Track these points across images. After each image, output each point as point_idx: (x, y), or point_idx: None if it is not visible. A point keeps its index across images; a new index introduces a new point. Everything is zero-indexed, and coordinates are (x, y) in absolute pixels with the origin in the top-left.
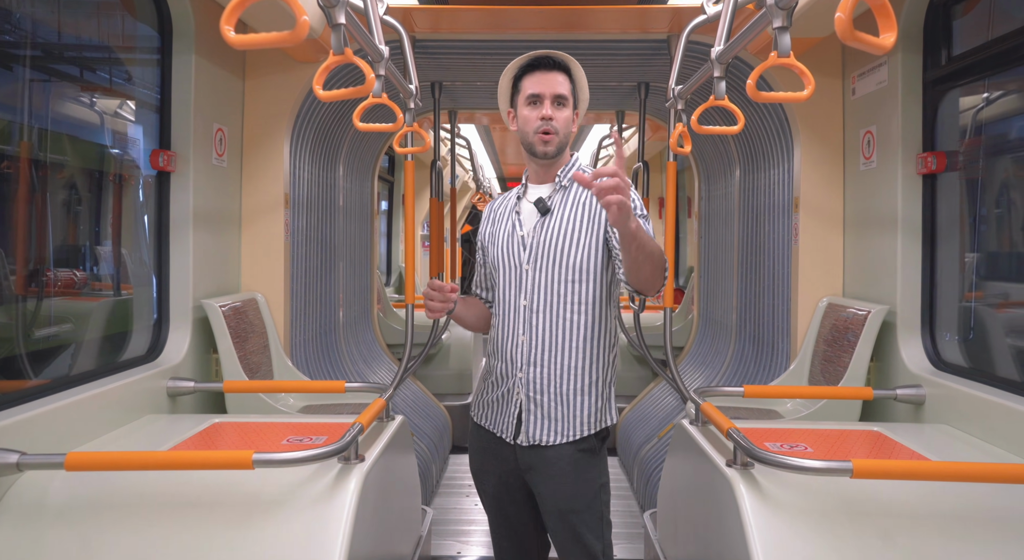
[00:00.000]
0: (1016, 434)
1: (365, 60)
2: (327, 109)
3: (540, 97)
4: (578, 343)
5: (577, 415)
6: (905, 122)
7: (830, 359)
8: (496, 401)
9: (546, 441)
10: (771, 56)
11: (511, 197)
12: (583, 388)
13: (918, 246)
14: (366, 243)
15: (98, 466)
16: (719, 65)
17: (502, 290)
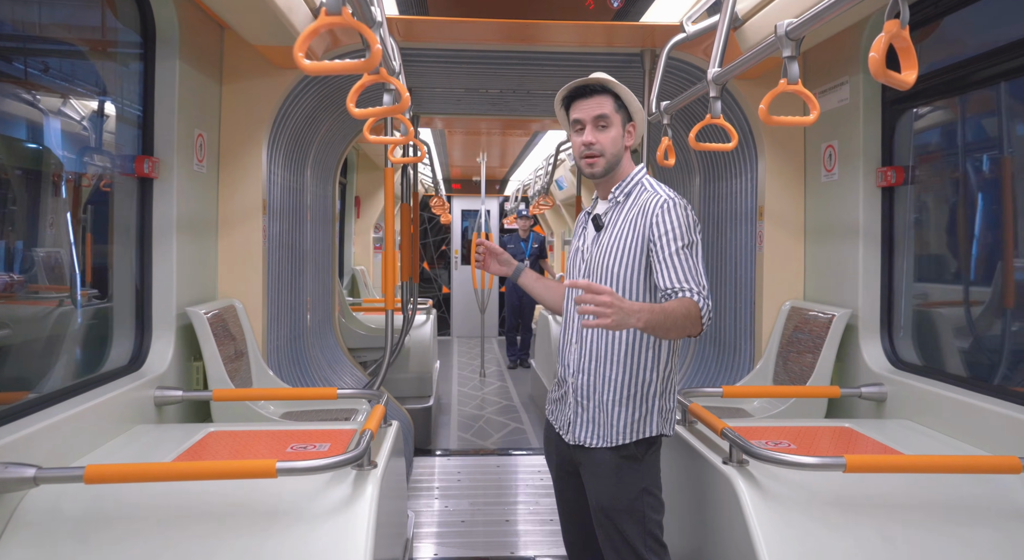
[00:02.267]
0: (969, 426)
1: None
2: (301, 112)
3: (582, 122)
4: (619, 356)
5: (615, 424)
6: (866, 138)
7: (794, 359)
8: (558, 400)
9: (589, 443)
10: (781, 83)
11: (584, 213)
12: (621, 399)
13: (877, 254)
14: (328, 246)
15: (118, 478)
16: (715, 85)
17: (565, 300)
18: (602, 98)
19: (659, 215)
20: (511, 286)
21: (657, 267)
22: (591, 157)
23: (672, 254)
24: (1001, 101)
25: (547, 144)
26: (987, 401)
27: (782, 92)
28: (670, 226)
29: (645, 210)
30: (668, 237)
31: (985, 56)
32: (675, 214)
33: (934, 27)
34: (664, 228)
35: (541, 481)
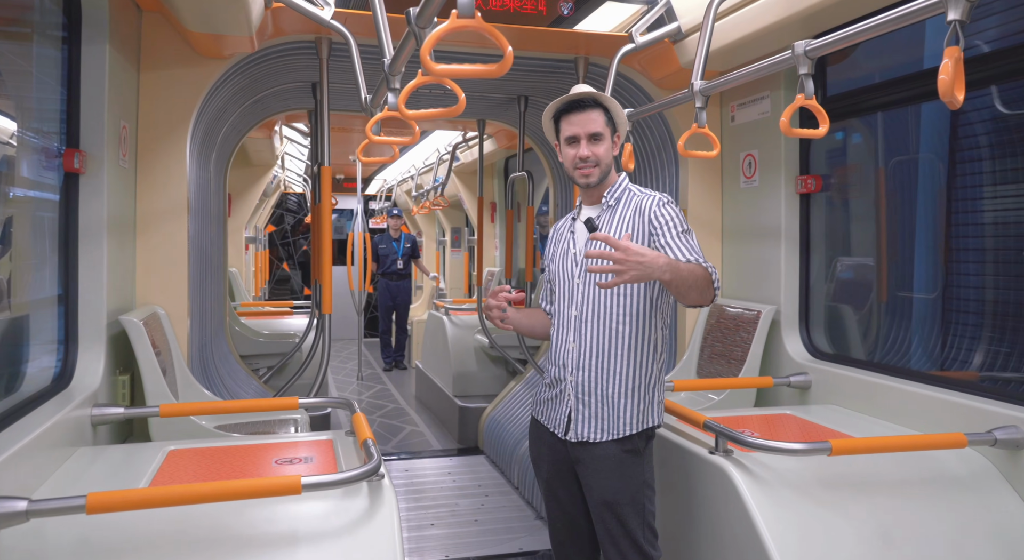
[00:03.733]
0: (882, 404)
1: None
2: (216, 105)
3: (577, 137)
4: (622, 350)
5: (621, 416)
6: (787, 148)
7: (720, 354)
8: (550, 400)
9: (593, 438)
10: (798, 98)
11: (568, 218)
12: (627, 391)
13: (797, 254)
14: (220, 246)
15: (127, 505)
16: (701, 97)
17: (558, 302)
18: (595, 113)
19: (657, 211)
20: (382, 287)
21: (663, 250)
22: (587, 168)
23: (675, 237)
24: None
25: (426, 145)
26: (891, 381)
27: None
28: (670, 217)
29: (642, 210)
30: (670, 225)
31: (872, 88)
32: (672, 208)
33: (843, 56)
34: (665, 219)
35: (454, 482)
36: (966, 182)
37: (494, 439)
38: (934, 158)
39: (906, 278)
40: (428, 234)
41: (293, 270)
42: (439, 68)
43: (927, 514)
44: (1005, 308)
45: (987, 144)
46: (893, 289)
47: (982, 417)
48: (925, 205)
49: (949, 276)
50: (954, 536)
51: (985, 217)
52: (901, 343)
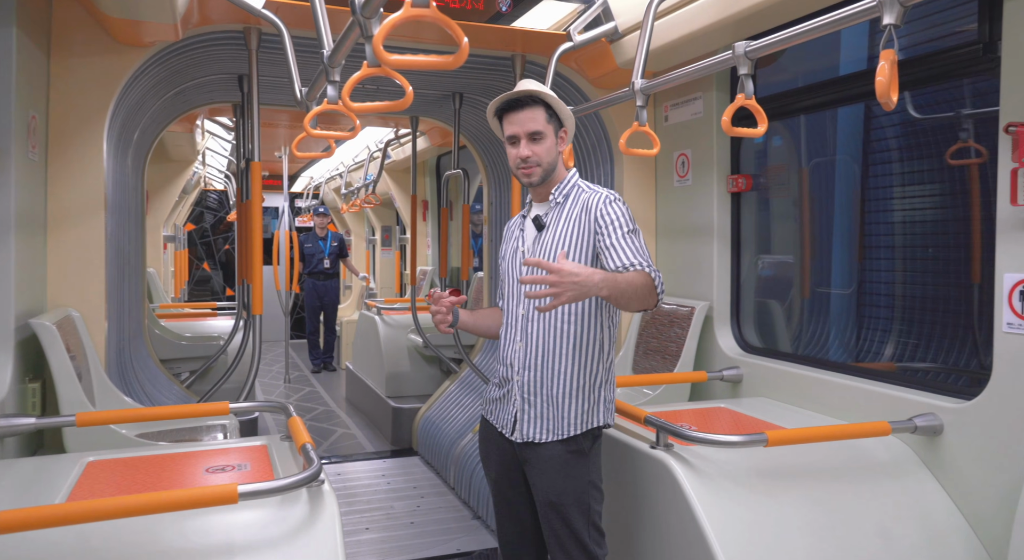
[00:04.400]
0: (809, 395)
1: None
2: (135, 97)
3: (517, 137)
4: (568, 350)
5: (565, 416)
6: (719, 148)
7: (655, 349)
8: (499, 400)
9: (538, 439)
10: (738, 97)
11: (520, 217)
12: (572, 391)
13: (728, 251)
14: (139, 245)
15: (41, 523)
16: (642, 95)
17: (506, 301)
18: (534, 111)
19: (603, 209)
20: (309, 287)
21: (607, 252)
22: (528, 168)
23: (620, 238)
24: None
25: (356, 141)
26: (817, 373)
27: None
28: (615, 216)
29: (588, 207)
30: (615, 225)
31: (803, 90)
32: (618, 206)
33: (771, 60)
34: (610, 218)
35: (388, 485)
36: (878, 183)
37: (429, 440)
38: (850, 160)
39: (825, 274)
40: (357, 233)
41: (214, 270)
42: (393, 58)
43: (855, 500)
44: (914, 302)
45: (897, 147)
46: (814, 285)
47: (902, 405)
48: (842, 205)
49: (864, 272)
50: (880, 520)
51: (895, 216)
52: (821, 336)
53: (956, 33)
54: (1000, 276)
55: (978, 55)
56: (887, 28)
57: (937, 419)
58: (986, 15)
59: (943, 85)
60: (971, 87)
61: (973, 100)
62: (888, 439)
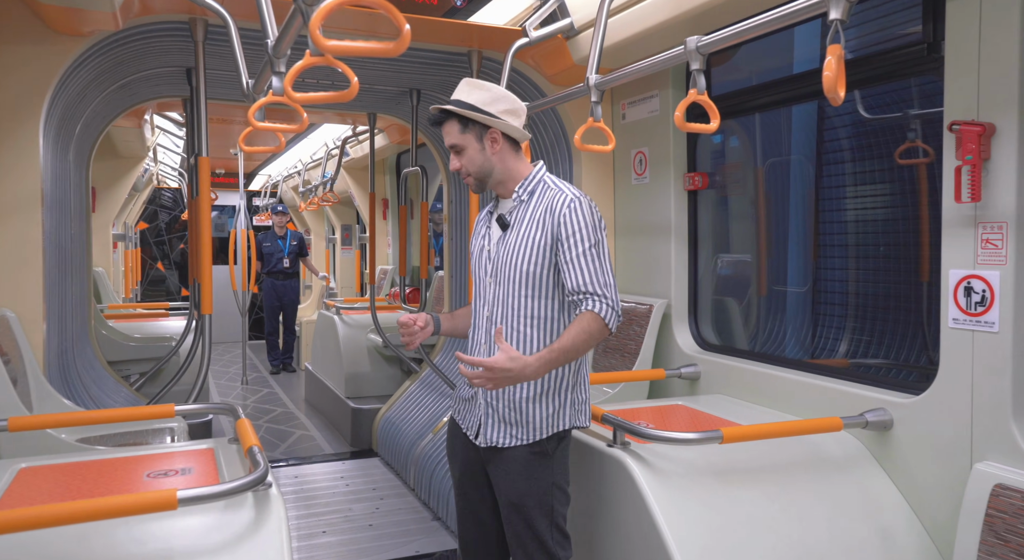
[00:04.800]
0: (765, 391)
1: None
2: (75, 88)
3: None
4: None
5: (530, 422)
6: (675, 146)
7: (614, 347)
8: (467, 401)
9: (502, 444)
10: (691, 93)
11: (486, 212)
12: (535, 396)
13: (685, 249)
14: (83, 244)
15: None
16: (596, 91)
17: (473, 301)
18: (448, 126)
19: (566, 214)
20: (268, 287)
21: (565, 268)
22: (464, 178)
23: (579, 256)
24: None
25: (314, 139)
26: (772, 369)
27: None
28: (578, 226)
29: (552, 208)
30: (576, 238)
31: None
32: (581, 213)
33: (725, 58)
34: (572, 228)
35: (347, 487)
36: (831, 183)
37: (389, 440)
38: (804, 159)
39: (781, 272)
40: (317, 232)
41: (169, 270)
42: (330, 44)
43: (808, 496)
44: (867, 300)
45: (849, 147)
46: (770, 283)
47: (854, 401)
48: (796, 203)
49: (818, 271)
50: (832, 515)
51: (848, 215)
52: (778, 334)
53: (902, 35)
54: (945, 272)
55: (923, 55)
56: (834, 23)
57: (887, 414)
58: (930, 15)
59: (891, 85)
60: (919, 88)
61: (921, 100)
62: (840, 434)
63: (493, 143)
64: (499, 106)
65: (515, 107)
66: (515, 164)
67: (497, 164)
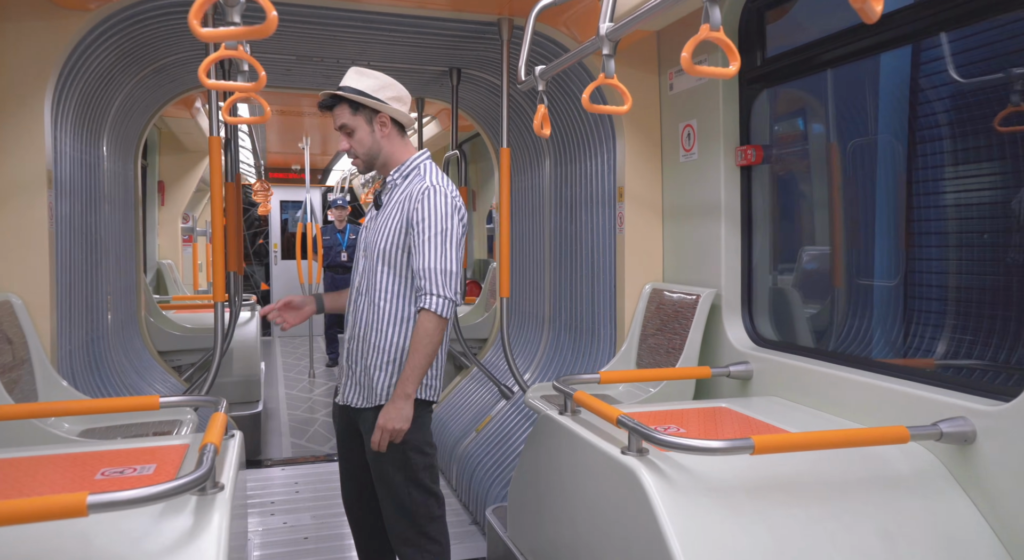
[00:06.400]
0: (827, 395)
1: None
2: (95, 70)
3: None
4: (383, 325)
5: (375, 386)
6: (725, 117)
7: (660, 342)
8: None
9: (354, 404)
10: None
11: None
12: (383, 363)
13: (738, 233)
14: (130, 236)
15: None
16: (609, 42)
17: (353, 272)
18: (339, 109)
19: (420, 201)
20: (328, 280)
21: (413, 251)
22: (353, 159)
23: (425, 241)
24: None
25: None
26: (841, 370)
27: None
28: (427, 213)
29: (411, 195)
30: (425, 224)
31: (831, 38)
32: (434, 201)
33: (786, 10)
34: (422, 214)
35: None
36: (927, 161)
37: (436, 437)
38: (891, 132)
39: (864, 263)
40: None
41: (249, 265)
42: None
43: (863, 519)
44: (969, 294)
45: (947, 117)
46: (850, 275)
47: (934, 408)
48: (883, 183)
49: (911, 262)
50: (893, 544)
51: (947, 198)
52: (861, 332)
53: None
54: None
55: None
56: None
57: (968, 424)
58: None
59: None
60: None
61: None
62: (909, 447)
63: (382, 126)
64: (387, 93)
65: (401, 94)
66: (399, 148)
67: (385, 147)
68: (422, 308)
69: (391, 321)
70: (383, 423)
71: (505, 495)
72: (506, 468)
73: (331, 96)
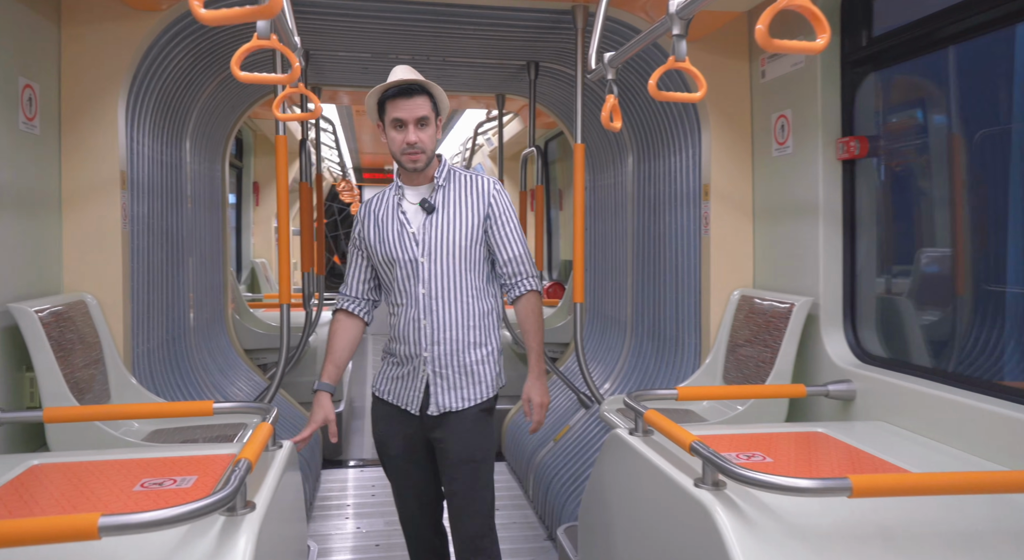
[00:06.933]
0: (945, 423)
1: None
2: (174, 70)
3: (404, 122)
4: (474, 321)
5: (480, 382)
6: (825, 105)
7: (749, 354)
8: (401, 378)
9: (455, 408)
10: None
11: (387, 199)
12: (483, 359)
13: (839, 234)
14: (217, 236)
15: None
16: (680, 21)
17: (400, 282)
18: (422, 99)
19: (495, 196)
20: None
21: (499, 242)
22: (415, 154)
23: (512, 230)
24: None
25: (465, 126)
26: (966, 397)
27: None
28: (506, 206)
29: (480, 191)
30: (507, 215)
31: (953, 9)
32: (507, 195)
33: None
34: (502, 207)
35: None
36: None
37: (514, 445)
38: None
39: (997, 268)
40: None
41: (343, 264)
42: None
43: None
44: None
45: None
46: (977, 281)
47: None
48: (1018, 174)
49: None
50: None
51: None
52: (992, 348)
53: None
54: None
55: None
56: None
57: None
58: None
59: None
60: None
61: None
62: None
63: (439, 129)
64: (446, 103)
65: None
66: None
67: (436, 148)
68: (529, 290)
69: (483, 314)
70: (542, 399)
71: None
72: (583, 482)
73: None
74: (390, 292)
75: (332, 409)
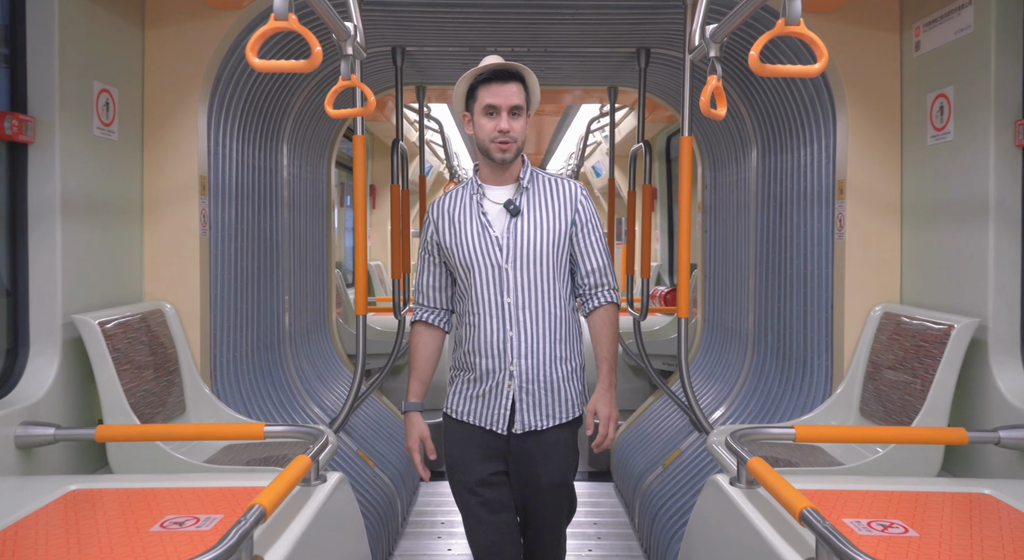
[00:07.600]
0: None
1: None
2: (255, 71)
3: (497, 108)
4: (562, 334)
5: (567, 400)
6: (999, 80)
7: (894, 383)
8: (482, 396)
9: (541, 426)
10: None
11: (464, 198)
12: (569, 375)
13: (1018, 241)
14: (321, 240)
15: None
16: None
17: (480, 290)
18: (517, 87)
19: (583, 202)
20: None
21: (583, 251)
22: (505, 143)
23: (598, 240)
24: None
25: (579, 125)
26: None
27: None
28: (592, 213)
29: (566, 195)
30: (593, 223)
31: None
32: (591, 201)
33: None
34: (588, 215)
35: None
36: None
37: (622, 465)
38: None
39: None
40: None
41: None
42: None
43: None
44: None
45: None
46: None
47: None
48: None
49: None
50: None
51: None
52: None
53: None
54: None
55: None
56: None
57: None
58: None
59: None
60: None
61: None
62: None
63: (528, 122)
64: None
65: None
66: None
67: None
68: (609, 301)
69: (568, 327)
70: (610, 411)
71: None
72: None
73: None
74: (465, 299)
75: (424, 427)
